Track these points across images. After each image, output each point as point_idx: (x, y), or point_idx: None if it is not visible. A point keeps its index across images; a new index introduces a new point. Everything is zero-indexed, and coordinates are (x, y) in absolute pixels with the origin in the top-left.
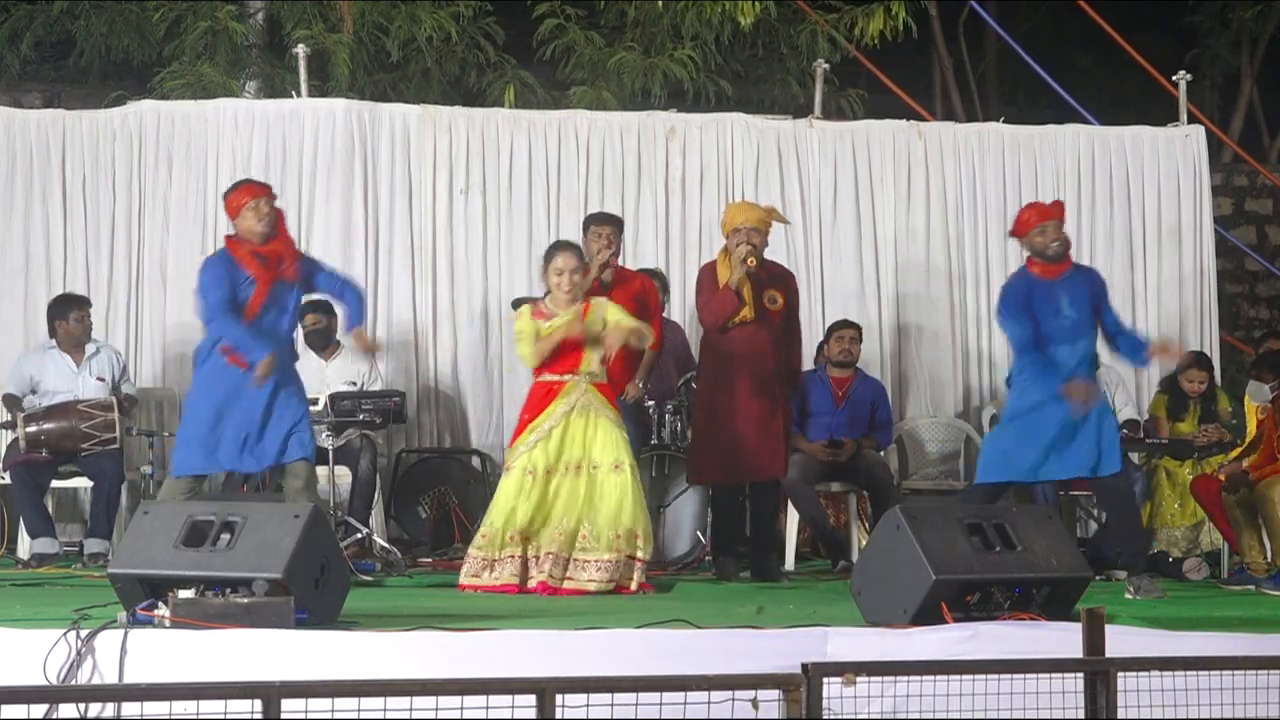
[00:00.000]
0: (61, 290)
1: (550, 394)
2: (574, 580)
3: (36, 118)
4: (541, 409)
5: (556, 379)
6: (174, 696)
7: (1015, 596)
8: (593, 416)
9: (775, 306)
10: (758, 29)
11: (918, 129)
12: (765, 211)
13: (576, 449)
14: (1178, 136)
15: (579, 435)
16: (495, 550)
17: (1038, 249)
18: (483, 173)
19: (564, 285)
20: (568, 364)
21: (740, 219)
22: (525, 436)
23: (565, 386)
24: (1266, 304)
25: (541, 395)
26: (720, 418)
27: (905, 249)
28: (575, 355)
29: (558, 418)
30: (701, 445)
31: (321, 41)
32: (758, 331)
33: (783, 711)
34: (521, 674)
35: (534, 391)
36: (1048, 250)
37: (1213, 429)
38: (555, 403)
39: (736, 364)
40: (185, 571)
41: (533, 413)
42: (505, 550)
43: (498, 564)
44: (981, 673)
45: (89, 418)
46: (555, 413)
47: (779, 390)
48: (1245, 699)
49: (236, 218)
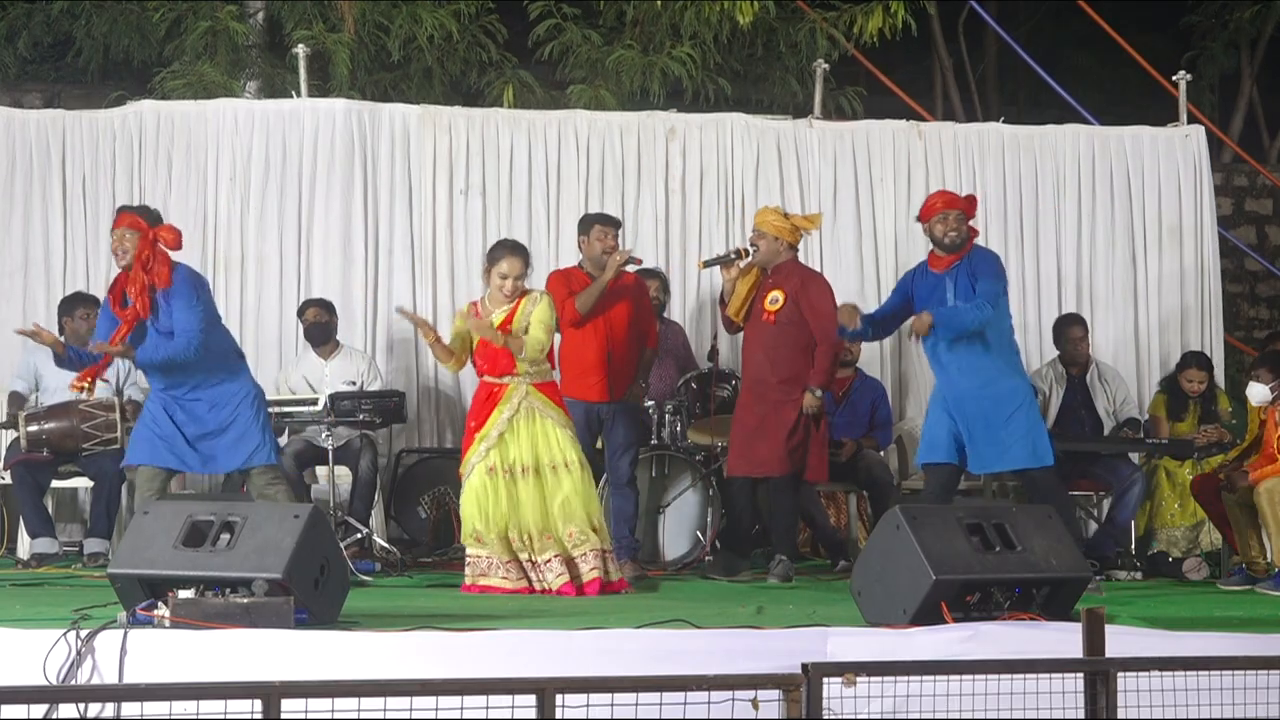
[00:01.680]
0: (62, 291)
1: (492, 398)
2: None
3: (36, 118)
4: (486, 414)
5: (496, 381)
6: (174, 696)
7: (1015, 596)
8: (538, 419)
9: (774, 307)
10: (756, 28)
11: (918, 129)
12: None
13: (526, 453)
14: (1178, 136)
15: (526, 439)
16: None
17: (936, 237)
18: (483, 173)
19: (505, 289)
20: (503, 365)
21: (756, 220)
22: (476, 447)
23: (506, 390)
24: (1266, 304)
25: (484, 399)
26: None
27: (905, 249)
28: (509, 354)
29: (503, 423)
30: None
31: (322, 41)
32: (753, 331)
33: (783, 711)
34: (521, 674)
35: (477, 394)
36: (944, 239)
37: (1213, 429)
38: (499, 408)
39: (743, 361)
40: (185, 571)
41: (478, 419)
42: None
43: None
44: (981, 673)
45: (90, 418)
46: (500, 419)
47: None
48: (1245, 699)
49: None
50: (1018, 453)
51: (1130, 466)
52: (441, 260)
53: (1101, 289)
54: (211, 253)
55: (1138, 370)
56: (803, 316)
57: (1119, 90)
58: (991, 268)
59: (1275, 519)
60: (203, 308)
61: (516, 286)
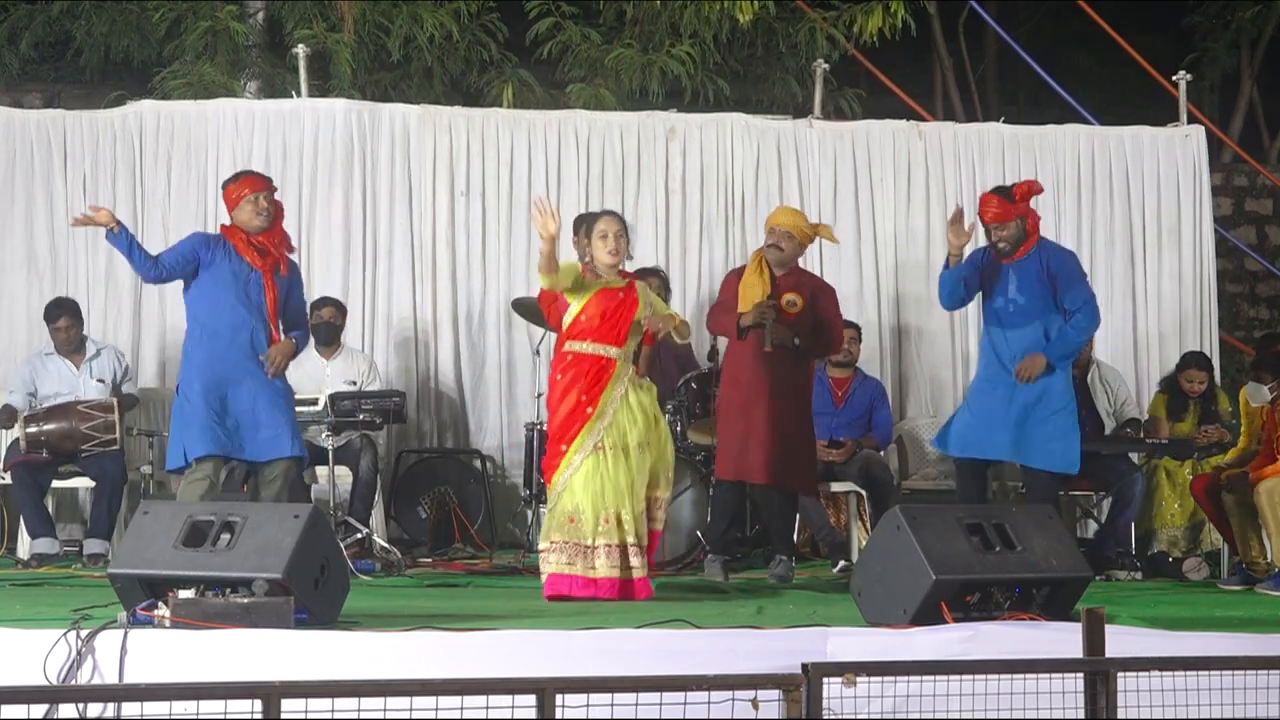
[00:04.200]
0: (64, 290)
1: (604, 371)
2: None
3: (36, 118)
4: (599, 391)
5: (604, 353)
6: (174, 696)
7: (1015, 596)
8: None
9: (793, 310)
10: (756, 27)
11: (918, 129)
12: (807, 221)
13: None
14: (1178, 136)
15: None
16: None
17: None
18: (482, 173)
19: (609, 246)
20: (616, 335)
21: (775, 220)
22: (591, 425)
23: (616, 366)
24: (1266, 304)
25: (593, 370)
26: (728, 416)
27: (905, 249)
28: (625, 325)
29: (617, 401)
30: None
31: (322, 41)
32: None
33: (783, 711)
34: (521, 674)
35: (580, 364)
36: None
37: (1213, 429)
38: (611, 385)
39: (746, 362)
40: (185, 571)
41: (589, 393)
42: (600, 539)
43: (592, 552)
44: (981, 673)
45: (89, 418)
46: (614, 396)
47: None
48: (1245, 699)
49: (234, 209)
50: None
51: (1130, 466)
52: (442, 260)
53: (1101, 289)
54: None
55: (1137, 370)
56: (816, 320)
57: (1119, 90)
58: (1073, 270)
59: (1275, 519)
60: None
61: (620, 244)
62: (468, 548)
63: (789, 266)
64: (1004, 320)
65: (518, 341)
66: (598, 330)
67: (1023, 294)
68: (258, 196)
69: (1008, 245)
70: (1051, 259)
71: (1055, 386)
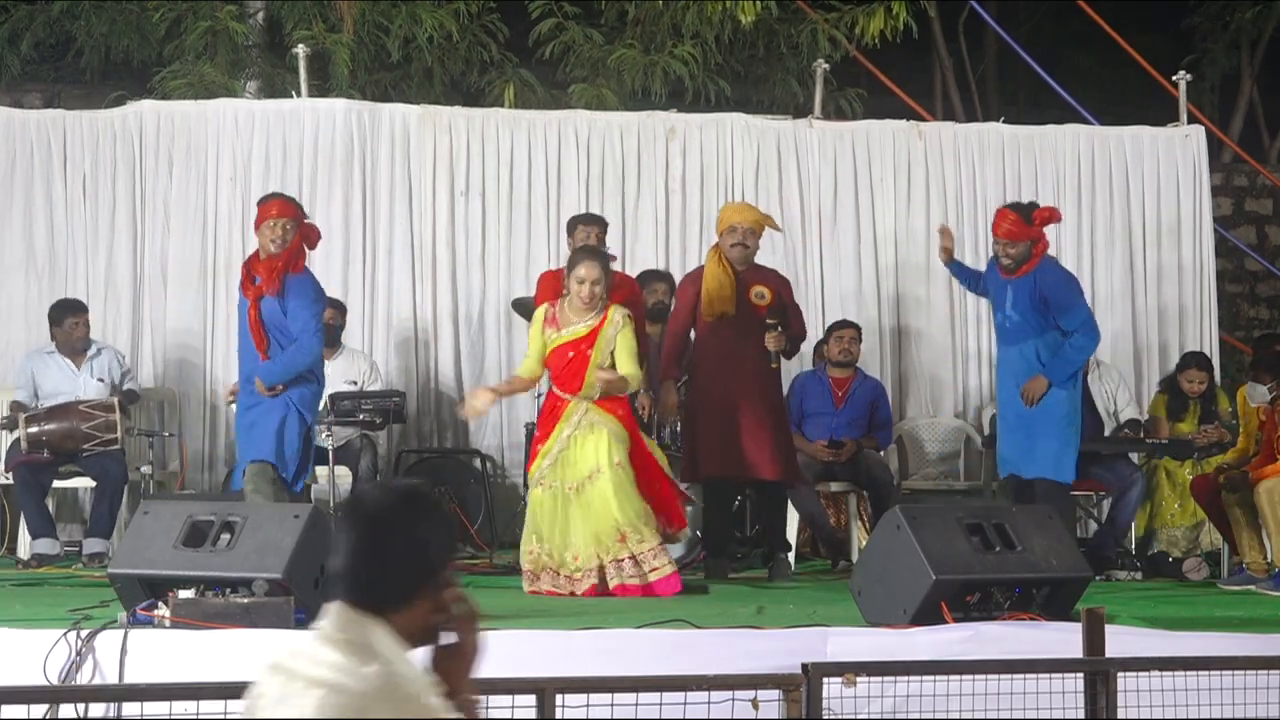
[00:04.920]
0: (63, 291)
1: (556, 412)
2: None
3: (36, 118)
4: (549, 428)
5: (562, 396)
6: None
7: (1015, 596)
8: (595, 430)
9: (762, 302)
10: (758, 28)
11: (918, 129)
12: (762, 215)
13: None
14: (1178, 136)
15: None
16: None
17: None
18: (482, 173)
19: (583, 294)
20: (573, 384)
21: (737, 218)
22: (539, 461)
23: (567, 408)
24: (1266, 304)
25: (549, 411)
26: (707, 414)
27: (905, 249)
28: (580, 374)
29: (563, 441)
30: (691, 444)
31: (322, 41)
32: (739, 327)
33: (783, 711)
34: (521, 674)
35: (546, 402)
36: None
37: (1213, 429)
38: (560, 424)
39: (719, 360)
40: (185, 571)
41: (543, 430)
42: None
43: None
44: (981, 673)
45: (90, 418)
46: (561, 436)
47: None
48: (1245, 699)
49: (256, 230)
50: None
51: (1130, 466)
52: (442, 260)
53: (1101, 288)
54: (211, 253)
55: (1137, 370)
56: (783, 309)
57: (1119, 90)
58: (1066, 294)
59: (1275, 519)
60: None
61: (595, 292)
62: (468, 548)
63: (750, 262)
64: (1003, 335)
65: (518, 341)
66: (556, 378)
67: (1017, 311)
68: (275, 223)
69: (1011, 263)
70: (1045, 281)
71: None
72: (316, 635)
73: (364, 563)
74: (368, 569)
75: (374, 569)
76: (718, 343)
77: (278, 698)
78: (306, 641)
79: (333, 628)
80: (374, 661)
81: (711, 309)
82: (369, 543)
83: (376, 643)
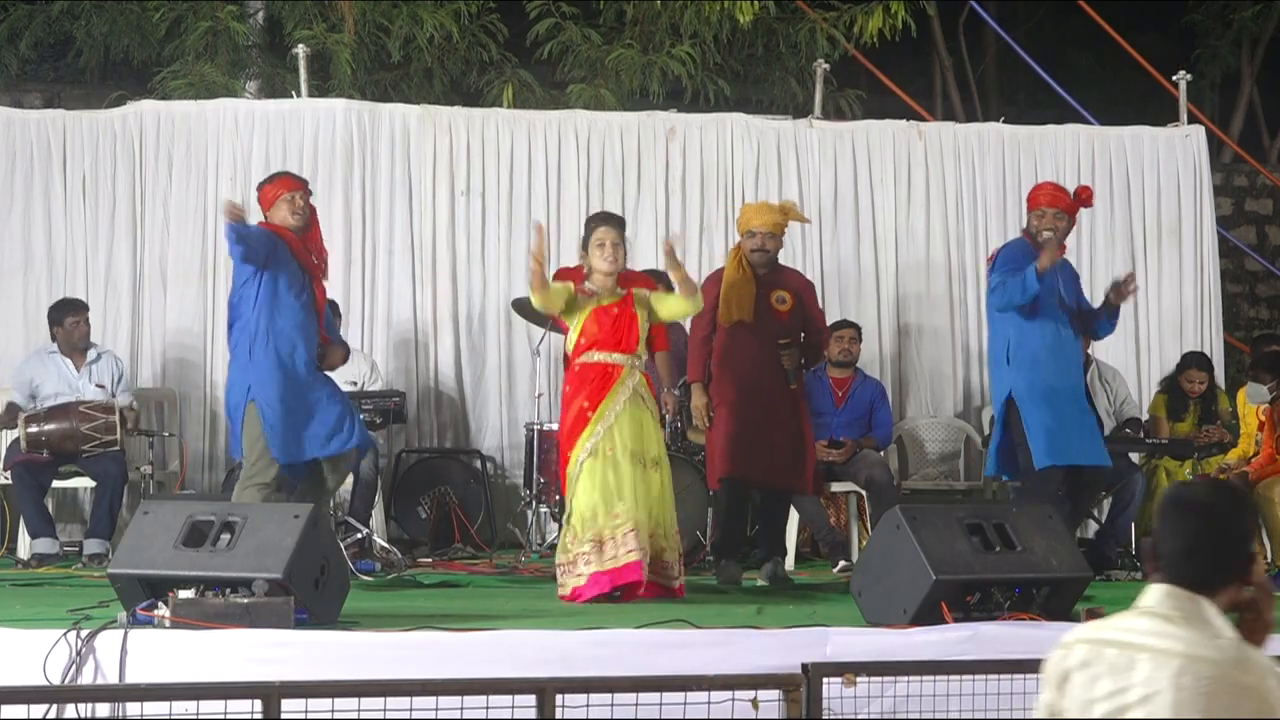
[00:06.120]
0: (62, 291)
1: (608, 378)
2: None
3: (36, 118)
4: (601, 395)
5: (610, 360)
6: (174, 696)
7: (1015, 596)
8: (642, 408)
9: (784, 307)
10: (757, 28)
11: (918, 129)
12: (782, 213)
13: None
14: (1178, 136)
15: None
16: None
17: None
18: (483, 173)
19: (606, 255)
20: (624, 343)
21: (756, 221)
22: (592, 428)
23: (622, 372)
24: (1266, 304)
25: (599, 378)
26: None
27: (905, 249)
28: (631, 333)
29: (621, 405)
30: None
31: (322, 41)
32: (760, 333)
33: (783, 711)
34: (521, 674)
35: (587, 373)
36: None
37: (1213, 429)
38: (615, 389)
39: (737, 365)
40: (185, 571)
41: (593, 400)
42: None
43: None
44: (981, 673)
45: (90, 419)
46: (617, 400)
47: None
48: None
49: (270, 209)
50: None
51: (1130, 466)
52: (442, 260)
53: (1101, 288)
54: (212, 252)
55: (1138, 370)
56: (805, 316)
57: (1119, 90)
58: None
59: (1275, 519)
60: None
61: (617, 253)
62: (468, 548)
63: (773, 265)
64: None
65: (518, 341)
66: (602, 340)
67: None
68: (294, 195)
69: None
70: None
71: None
72: (1139, 612)
73: (1203, 545)
74: (1206, 552)
75: (1210, 552)
76: (737, 346)
77: (1115, 665)
78: (1123, 618)
79: (1164, 606)
80: (1223, 634)
81: (729, 314)
82: (1207, 530)
83: (1212, 618)
